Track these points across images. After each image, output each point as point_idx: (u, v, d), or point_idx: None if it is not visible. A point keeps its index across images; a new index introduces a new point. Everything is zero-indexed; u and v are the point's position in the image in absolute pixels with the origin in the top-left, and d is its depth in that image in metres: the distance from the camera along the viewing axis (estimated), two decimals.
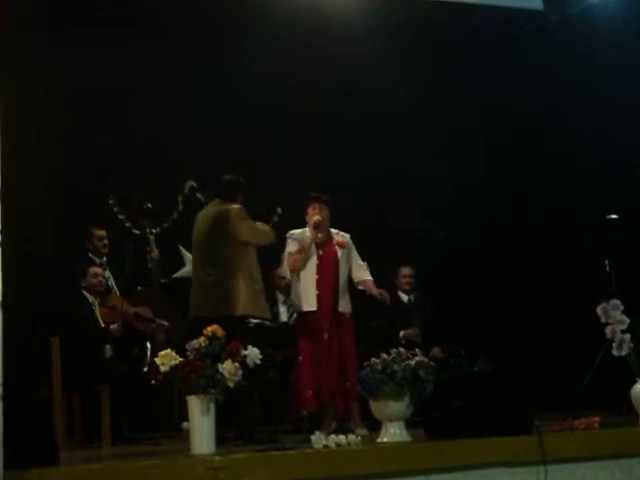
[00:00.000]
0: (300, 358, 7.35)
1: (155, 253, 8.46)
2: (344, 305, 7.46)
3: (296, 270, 7.44)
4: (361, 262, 7.64)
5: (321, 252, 7.47)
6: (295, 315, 7.60)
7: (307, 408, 7.21)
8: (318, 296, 7.36)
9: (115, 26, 9.21)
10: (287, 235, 7.50)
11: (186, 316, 7.19)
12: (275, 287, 8.74)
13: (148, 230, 8.52)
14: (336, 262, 7.49)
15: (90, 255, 8.12)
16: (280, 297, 8.76)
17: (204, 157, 9.32)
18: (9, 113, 4.95)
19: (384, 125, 10.17)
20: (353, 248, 7.64)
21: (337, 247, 7.53)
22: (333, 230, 7.62)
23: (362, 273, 7.61)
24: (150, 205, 8.54)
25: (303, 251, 7.39)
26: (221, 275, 6.89)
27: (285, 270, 7.48)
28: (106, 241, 8.21)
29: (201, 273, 7.03)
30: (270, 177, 9.41)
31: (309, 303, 7.37)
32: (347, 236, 7.64)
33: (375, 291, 7.57)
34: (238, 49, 9.64)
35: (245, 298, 6.80)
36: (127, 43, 9.35)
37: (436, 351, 8.34)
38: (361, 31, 9.32)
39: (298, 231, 7.54)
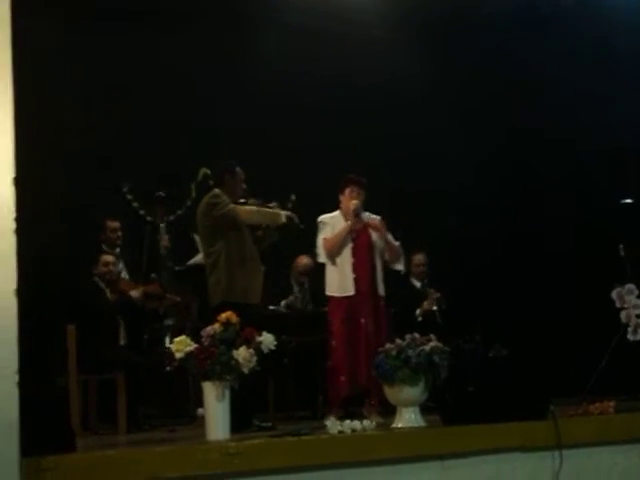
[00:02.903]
0: (334, 343, 7.27)
1: (165, 240, 8.47)
2: (381, 288, 7.41)
3: (332, 256, 7.38)
4: (395, 242, 7.55)
5: (355, 235, 7.41)
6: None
7: (341, 393, 7.17)
8: (355, 280, 7.29)
9: (131, 16, 9.22)
10: (318, 220, 7.41)
11: (201, 302, 7.20)
12: (294, 275, 8.77)
13: (159, 218, 8.50)
14: (371, 245, 7.42)
15: (104, 247, 8.13)
16: (295, 286, 8.78)
17: (219, 145, 9.31)
18: (23, 102, 4.95)
19: (397, 109, 10.14)
20: (385, 230, 7.51)
21: (371, 230, 7.45)
22: (365, 214, 7.53)
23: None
24: (162, 193, 8.54)
25: (340, 236, 7.32)
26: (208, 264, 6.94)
27: (321, 256, 7.41)
28: (120, 233, 8.22)
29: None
30: (285, 163, 9.40)
31: (346, 288, 7.29)
32: (378, 218, 7.54)
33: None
34: (251, 36, 9.62)
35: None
36: (141, 33, 9.36)
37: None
38: (372, 16, 9.30)
39: (329, 215, 7.47)
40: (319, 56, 9.81)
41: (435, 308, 8.71)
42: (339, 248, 7.34)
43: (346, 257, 7.34)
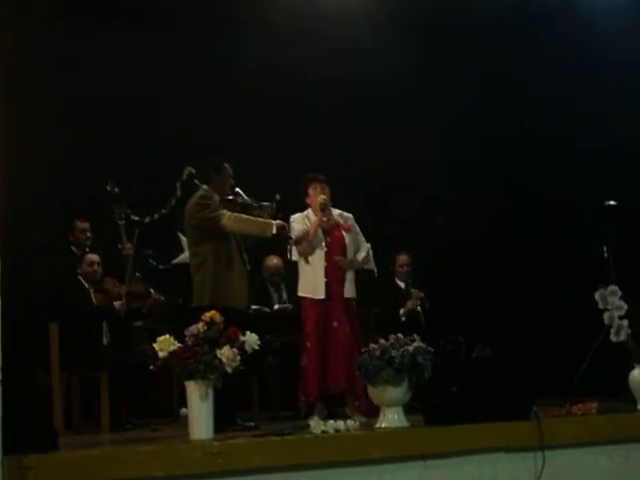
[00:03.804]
0: (307, 344, 7.27)
1: (124, 241, 8.26)
2: (351, 291, 7.41)
3: (305, 255, 7.37)
4: (366, 244, 7.56)
5: (329, 239, 7.39)
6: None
7: (310, 395, 7.18)
8: (327, 284, 7.30)
9: (116, 17, 9.21)
10: (290, 220, 7.40)
11: (184, 302, 7.18)
12: (266, 276, 8.72)
13: (117, 215, 8.18)
14: (344, 248, 7.43)
15: (72, 248, 8.06)
16: (270, 287, 8.76)
17: (203, 144, 9.30)
18: (8, 105, 4.94)
19: (382, 110, 10.15)
20: (358, 230, 7.54)
21: (344, 232, 7.46)
22: (336, 211, 7.52)
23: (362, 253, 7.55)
24: (117, 189, 8.30)
25: (309, 235, 7.31)
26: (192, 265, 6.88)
27: (293, 254, 7.37)
28: (89, 234, 8.11)
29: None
30: (269, 163, 9.40)
31: (318, 291, 7.29)
32: (350, 217, 7.55)
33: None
34: (237, 36, 9.63)
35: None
36: (126, 35, 9.36)
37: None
38: (359, 16, 9.30)
39: (300, 215, 7.45)
40: (305, 57, 9.80)
41: (419, 308, 8.73)
42: (312, 247, 7.31)
43: (319, 260, 7.33)
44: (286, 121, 9.73)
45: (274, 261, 8.72)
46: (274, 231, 6.82)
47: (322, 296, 7.28)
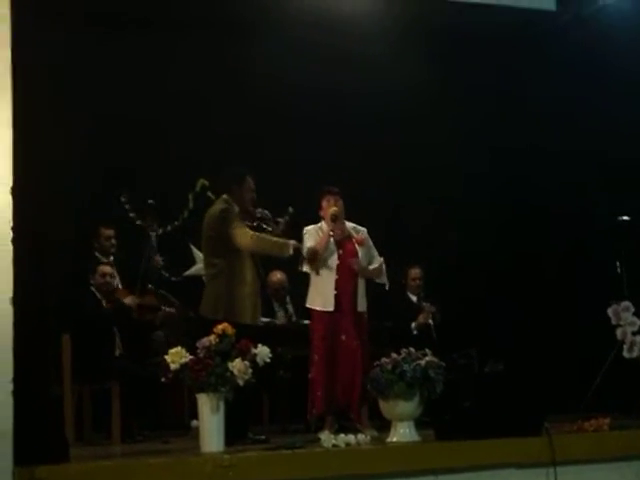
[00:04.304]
0: (315, 357, 7.23)
1: (155, 250, 8.32)
2: (362, 304, 7.34)
3: (315, 267, 7.37)
4: (379, 258, 7.48)
5: (341, 251, 7.34)
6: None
7: (317, 408, 7.16)
8: (336, 297, 7.25)
9: (128, 23, 9.24)
10: (304, 232, 7.37)
11: (196, 313, 7.18)
12: (270, 292, 8.68)
13: (149, 227, 8.35)
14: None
15: (97, 254, 8.11)
16: (275, 303, 8.74)
17: (217, 155, 9.32)
18: (21, 112, 4.96)
19: (395, 124, 10.16)
20: (371, 244, 7.49)
21: (357, 245, 7.42)
22: (349, 224, 7.48)
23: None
24: (153, 202, 8.44)
25: (321, 246, 7.31)
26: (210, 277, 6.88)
27: (304, 265, 7.36)
28: (114, 241, 8.16)
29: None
30: (282, 175, 9.41)
31: (327, 304, 7.23)
32: (364, 230, 7.50)
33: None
34: (252, 48, 9.64)
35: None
36: (137, 40, 9.36)
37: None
38: (374, 30, 9.32)
39: (313, 227, 7.40)
40: (318, 69, 9.81)
41: (431, 322, 8.72)
42: (323, 260, 7.27)
43: (330, 272, 7.30)
44: (299, 134, 9.74)
45: (278, 276, 8.70)
46: (291, 252, 6.87)
47: (331, 308, 7.25)
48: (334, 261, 7.32)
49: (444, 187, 10.20)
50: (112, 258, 8.12)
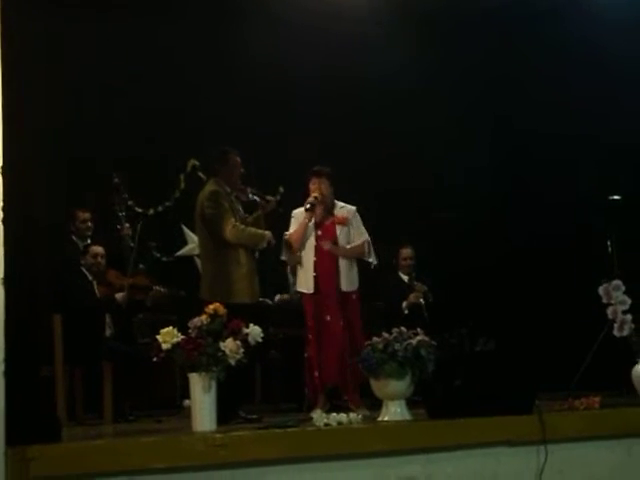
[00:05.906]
0: (310, 337, 7.22)
1: (126, 229, 8.18)
2: (348, 284, 7.25)
3: (296, 251, 7.33)
4: (365, 236, 7.33)
5: (320, 232, 7.28)
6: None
7: (314, 387, 7.17)
8: (315, 278, 7.20)
9: (118, 5, 9.20)
10: (292, 215, 7.33)
11: (187, 294, 7.18)
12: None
13: (117, 205, 8.17)
14: (335, 242, 7.28)
15: (73, 237, 8.05)
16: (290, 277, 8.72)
17: (208, 136, 9.29)
18: (10, 93, 4.94)
19: (389, 104, 10.14)
20: (357, 221, 7.36)
21: (336, 225, 7.35)
22: (339, 203, 7.39)
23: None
24: (118, 180, 8.26)
25: (298, 232, 7.25)
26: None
27: (282, 253, 7.34)
28: (90, 224, 8.09)
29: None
30: (273, 155, 9.40)
31: (309, 286, 7.24)
32: (353, 209, 7.38)
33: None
34: (243, 30, 9.62)
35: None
36: (131, 23, 9.35)
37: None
38: (366, 13, 9.29)
39: (300, 211, 7.33)
40: (311, 51, 9.79)
41: (422, 301, 8.73)
42: (301, 243, 7.24)
43: (309, 255, 7.25)
44: (292, 114, 9.73)
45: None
46: (265, 244, 6.94)
47: (311, 290, 7.22)
48: (312, 243, 7.28)
49: (436, 167, 10.21)
50: (89, 241, 8.03)
